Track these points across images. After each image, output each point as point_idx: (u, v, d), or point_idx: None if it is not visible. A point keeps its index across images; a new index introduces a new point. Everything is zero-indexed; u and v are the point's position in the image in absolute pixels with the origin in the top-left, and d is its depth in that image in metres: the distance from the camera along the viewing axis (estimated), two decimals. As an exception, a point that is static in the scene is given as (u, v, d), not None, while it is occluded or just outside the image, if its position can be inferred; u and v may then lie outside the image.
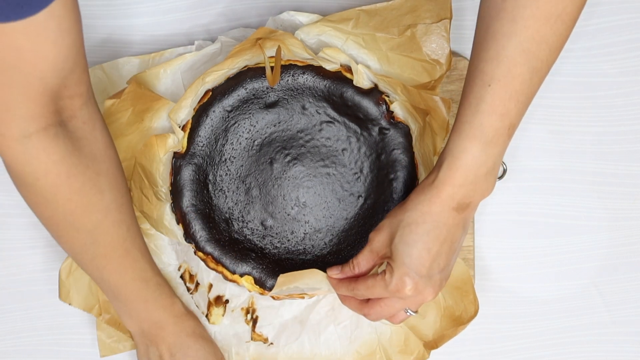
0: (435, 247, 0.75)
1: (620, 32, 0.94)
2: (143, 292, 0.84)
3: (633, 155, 0.94)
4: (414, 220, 0.75)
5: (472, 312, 0.88)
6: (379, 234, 0.78)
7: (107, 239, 0.80)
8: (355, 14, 0.88)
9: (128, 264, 0.82)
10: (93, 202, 0.77)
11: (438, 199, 0.74)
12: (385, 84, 0.87)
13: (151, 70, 0.89)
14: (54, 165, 0.73)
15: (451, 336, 0.88)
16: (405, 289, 0.75)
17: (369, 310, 0.79)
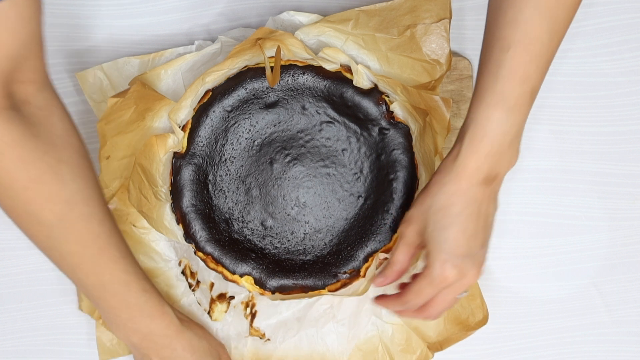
0: (471, 226, 0.73)
1: (620, 32, 0.94)
2: (125, 297, 0.78)
3: (633, 155, 0.94)
4: (444, 204, 0.73)
5: (481, 317, 0.88)
6: (410, 226, 0.77)
7: (75, 235, 0.74)
8: (354, 15, 0.88)
9: (104, 264, 0.76)
10: (54, 192, 0.72)
11: (465, 174, 0.72)
12: (385, 84, 0.87)
13: (152, 71, 0.89)
14: (7, 148, 0.69)
15: (458, 340, 0.88)
16: (449, 277, 0.73)
17: (427, 313, 0.77)
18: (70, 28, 0.93)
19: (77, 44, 0.94)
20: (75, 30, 0.94)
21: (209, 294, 0.90)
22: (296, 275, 0.88)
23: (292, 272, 0.88)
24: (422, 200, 0.76)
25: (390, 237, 0.88)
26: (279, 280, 0.88)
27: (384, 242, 0.88)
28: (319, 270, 0.88)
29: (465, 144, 0.72)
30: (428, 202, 0.74)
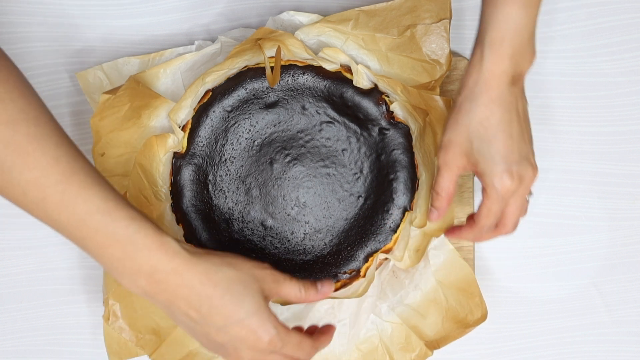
0: (515, 129, 0.73)
1: (620, 32, 0.94)
2: (111, 229, 0.66)
3: (633, 155, 0.94)
4: (482, 117, 0.72)
5: (479, 315, 0.88)
6: (449, 152, 0.75)
7: (28, 160, 0.65)
8: (354, 15, 0.88)
9: (74, 192, 0.66)
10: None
11: (493, 82, 0.72)
12: (385, 84, 0.87)
13: (151, 70, 0.89)
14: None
15: (456, 337, 0.88)
16: (512, 186, 0.73)
17: (505, 229, 0.77)
18: (70, 28, 0.93)
19: (77, 44, 0.94)
20: (75, 30, 0.94)
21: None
22: (296, 275, 0.88)
23: (292, 272, 0.88)
24: (455, 121, 0.74)
25: (390, 237, 0.88)
26: (279, 281, 0.88)
27: (384, 242, 0.88)
28: (319, 271, 0.88)
29: (486, 50, 0.71)
30: (464, 121, 0.73)
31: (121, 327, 0.87)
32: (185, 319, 0.71)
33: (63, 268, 0.94)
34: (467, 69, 0.74)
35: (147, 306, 0.87)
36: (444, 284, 0.89)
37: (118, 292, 0.86)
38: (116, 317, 0.87)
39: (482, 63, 0.72)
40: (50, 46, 0.93)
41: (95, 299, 0.94)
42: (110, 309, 0.86)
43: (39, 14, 0.93)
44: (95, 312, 0.94)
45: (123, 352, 0.88)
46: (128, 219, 0.67)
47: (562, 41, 0.94)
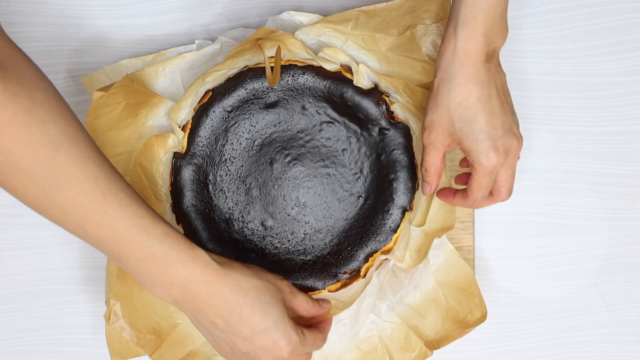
0: (495, 104, 0.73)
1: (620, 32, 0.94)
2: (147, 245, 0.69)
3: (633, 155, 0.94)
4: (460, 97, 0.73)
5: (479, 315, 0.88)
6: (432, 132, 0.76)
7: (70, 180, 0.67)
8: (354, 15, 0.88)
9: (113, 210, 0.68)
10: (34, 135, 0.65)
11: (468, 60, 0.72)
12: (387, 83, 0.87)
13: (150, 67, 0.89)
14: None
15: (455, 337, 0.88)
16: (499, 160, 0.74)
17: (500, 197, 0.78)
18: (70, 28, 0.93)
19: (77, 44, 0.94)
20: (75, 30, 0.94)
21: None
22: (296, 275, 0.88)
23: (292, 272, 0.88)
24: (435, 103, 0.75)
25: (390, 237, 0.88)
26: (279, 281, 0.88)
27: (384, 242, 0.88)
28: (319, 271, 0.88)
29: (459, 28, 0.71)
30: (443, 102, 0.74)
31: (122, 327, 0.87)
32: (210, 327, 0.74)
33: (63, 268, 0.94)
34: (441, 49, 0.74)
35: (147, 306, 0.87)
36: (443, 284, 0.89)
37: (119, 292, 0.86)
38: (117, 316, 0.87)
39: (455, 42, 0.72)
40: (50, 46, 0.93)
41: (95, 299, 0.94)
42: (111, 309, 0.86)
43: (39, 14, 0.93)
44: (96, 312, 0.94)
45: (125, 351, 0.88)
46: (162, 234, 0.70)
47: (562, 41, 0.94)
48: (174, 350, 0.88)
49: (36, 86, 0.68)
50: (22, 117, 0.65)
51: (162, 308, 0.88)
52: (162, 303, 0.88)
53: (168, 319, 0.88)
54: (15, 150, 0.66)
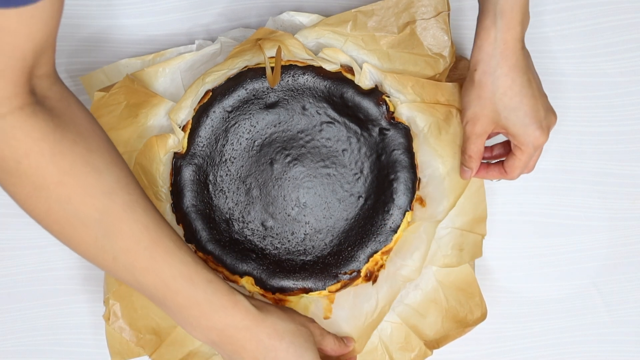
0: (535, 88, 0.78)
1: (620, 32, 0.94)
2: (192, 293, 0.72)
3: (633, 155, 0.94)
4: (505, 87, 0.77)
5: (479, 315, 0.88)
6: (477, 124, 0.80)
7: (123, 229, 0.69)
8: (352, 16, 0.87)
9: (161, 257, 0.70)
10: (91, 184, 0.67)
11: (508, 51, 0.76)
12: (393, 81, 0.87)
13: (150, 68, 0.89)
14: (34, 144, 0.65)
15: (455, 337, 0.88)
16: (545, 138, 0.79)
17: (527, 171, 0.84)
18: (71, 28, 0.93)
19: (76, 44, 0.94)
20: (75, 30, 0.93)
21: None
22: (297, 275, 0.88)
23: (292, 272, 0.88)
24: (478, 96, 0.78)
25: (390, 237, 0.88)
26: (279, 281, 0.88)
27: (384, 242, 0.88)
28: (319, 271, 0.88)
29: (498, 20, 0.75)
30: (487, 94, 0.78)
31: (121, 327, 0.87)
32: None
33: (63, 268, 0.94)
34: (477, 42, 0.78)
35: (147, 306, 0.87)
36: (444, 284, 0.89)
37: (118, 292, 0.86)
38: (116, 317, 0.87)
39: (495, 34, 0.75)
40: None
41: (95, 299, 0.94)
42: (111, 309, 0.86)
43: (38, 14, 0.93)
44: (96, 312, 0.94)
45: (125, 351, 0.88)
46: (206, 282, 0.73)
47: (562, 41, 0.94)
48: (174, 350, 0.88)
49: (91, 133, 0.70)
50: (80, 166, 0.67)
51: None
52: None
53: (167, 319, 0.88)
54: (73, 199, 0.67)
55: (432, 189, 0.89)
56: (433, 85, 0.86)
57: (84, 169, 0.67)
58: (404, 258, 0.88)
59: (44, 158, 0.66)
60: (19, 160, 0.65)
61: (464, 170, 0.85)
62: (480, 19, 0.78)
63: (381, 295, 0.88)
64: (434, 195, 0.88)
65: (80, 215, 0.68)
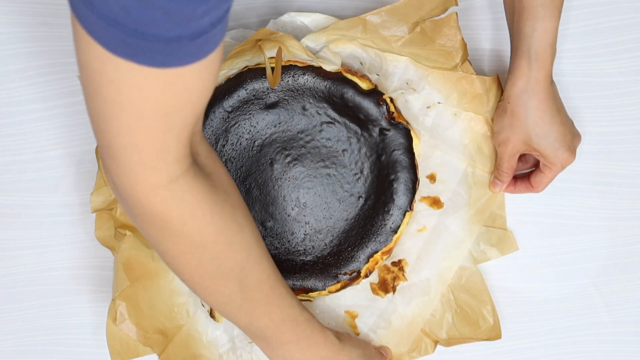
0: (562, 116, 0.85)
1: (620, 32, 0.94)
2: (295, 332, 0.79)
3: (633, 155, 0.94)
4: (535, 119, 0.83)
5: (491, 323, 0.89)
6: (509, 145, 0.86)
7: (253, 280, 0.74)
8: (362, 20, 0.87)
9: (275, 302, 0.76)
10: (236, 240, 0.72)
11: (539, 86, 0.83)
12: (439, 77, 0.88)
13: None
14: (199, 205, 0.67)
15: (467, 340, 0.89)
16: (572, 159, 0.86)
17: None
18: (70, 28, 0.93)
19: (77, 44, 0.94)
20: (75, 31, 0.93)
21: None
22: (297, 276, 0.88)
23: (292, 273, 0.88)
24: (510, 124, 0.85)
25: (390, 237, 0.88)
26: (279, 281, 0.88)
27: (384, 242, 0.88)
28: (319, 271, 0.88)
29: (533, 62, 0.82)
30: (519, 123, 0.84)
31: (129, 327, 0.86)
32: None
33: (63, 268, 0.94)
34: (511, 78, 0.84)
35: (153, 306, 0.87)
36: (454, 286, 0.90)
37: (124, 293, 0.86)
38: (123, 317, 0.86)
39: (529, 73, 0.82)
40: (50, 46, 0.93)
41: (96, 299, 0.94)
42: (117, 310, 0.86)
43: (39, 14, 0.93)
44: (96, 312, 0.94)
45: (125, 352, 0.88)
46: (306, 322, 0.79)
47: (562, 41, 0.94)
48: (180, 351, 0.88)
49: (232, 190, 0.73)
50: (230, 224, 0.71)
51: (166, 309, 0.88)
52: (166, 304, 0.88)
53: (173, 320, 0.88)
54: (221, 255, 0.71)
55: (452, 194, 0.89)
56: (478, 80, 0.88)
57: (232, 227, 0.71)
58: (431, 268, 0.89)
59: (205, 219, 0.68)
60: (185, 221, 0.68)
61: (496, 183, 0.90)
62: (514, 57, 0.83)
63: (410, 308, 0.89)
64: (456, 200, 0.89)
65: (224, 270, 0.72)
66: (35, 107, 0.94)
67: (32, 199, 0.94)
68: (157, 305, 0.87)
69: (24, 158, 0.94)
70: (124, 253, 0.87)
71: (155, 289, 0.88)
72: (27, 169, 0.94)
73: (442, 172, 0.90)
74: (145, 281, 0.87)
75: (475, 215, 0.89)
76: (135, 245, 0.87)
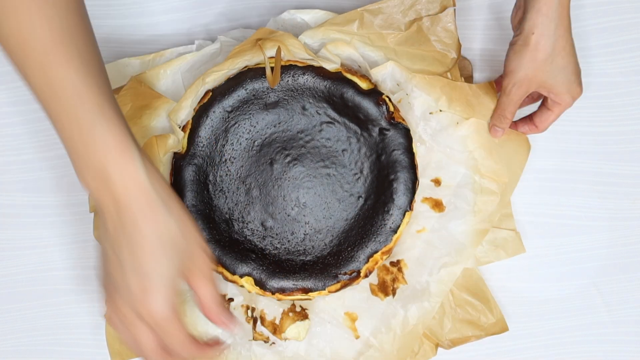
0: (573, 46, 0.81)
1: (620, 32, 0.94)
2: (76, 113, 0.61)
3: (633, 155, 0.94)
4: (560, 49, 0.80)
5: (493, 320, 0.89)
6: (523, 86, 0.82)
7: (20, 15, 0.60)
8: (358, 15, 0.88)
9: (55, 59, 0.61)
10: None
11: (564, 12, 0.78)
12: (422, 81, 0.88)
13: (151, 70, 0.89)
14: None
15: (470, 339, 0.89)
16: (581, 91, 0.83)
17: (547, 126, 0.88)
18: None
19: (77, 44, 0.94)
20: (75, 30, 0.93)
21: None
22: (296, 276, 0.88)
23: (292, 273, 0.88)
24: (533, 58, 0.80)
25: (390, 237, 0.88)
26: (279, 282, 0.87)
27: (384, 242, 0.88)
28: (319, 271, 0.88)
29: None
30: (543, 56, 0.80)
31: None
32: (106, 234, 0.66)
33: (63, 268, 0.94)
34: (536, 6, 0.79)
35: None
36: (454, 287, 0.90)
37: None
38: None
39: (557, 9, 0.78)
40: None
41: (95, 299, 0.94)
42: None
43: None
44: (96, 312, 0.94)
45: (125, 352, 0.88)
46: (97, 106, 0.62)
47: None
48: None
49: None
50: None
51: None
52: None
53: None
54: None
55: (455, 199, 0.89)
56: (464, 87, 0.87)
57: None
58: (431, 273, 0.89)
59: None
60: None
61: (496, 130, 0.88)
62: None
63: (411, 313, 0.89)
64: (459, 205, 0.89)
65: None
66: (36, 107, 0.94)
67: (32, 199, 0.94)
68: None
69: (24, 158, 0.94)
70: None
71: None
72: (27, 169, 0.94)
73: (448, 177, 0.90)
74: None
75: (480, 224, 0.89)
76: None
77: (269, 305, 0.89)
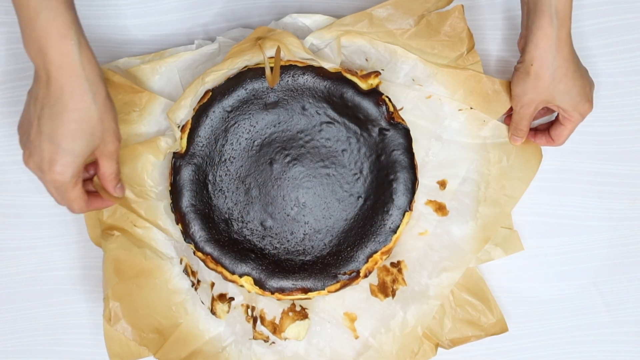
0: (581, 70, 0.86)
1: (620, 32, 0.94)
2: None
3: (633, 155, 0.94)
4: (560, 77, 0.84)
5: (493, 320, 0.89)
6: (532, 106, 0.87)
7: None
8: (367, 15, 0.88)
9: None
10: None
11: (563, 44, 0.83)
12: (448, 75, 0.88)
13: (145, 65, 0.89)
14: None
15: (471, 339, 0.89)
16: (591, 107, 0.87)
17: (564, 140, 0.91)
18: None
19: (76, 44, 0.94)
20: (75, 30, 0.93)
21: (210, 292, 0.90)
22: (296, 276, 0.88)
23: (291, 272, 0.88)
24: (535, 85, 0.85)
25: (390, 237, 0.88)
26: (278, 281, 0.87)
27: (383, 242, 0.88)
28: (318, 271, 0.88)
29: (555, 21, 0.82)
30: (544, 84, 0.85)
31: (124, 327, 0.87)
32: (36, 97, 0.74)
33: (63, 268, 0.94)
34: (534, 41, 0.83)
35: (148, 305, 0.87)
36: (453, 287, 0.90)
37: (118, 291, 0.86)
38: (118, 317, 0.87)
39: (552, 32, 0.82)
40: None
41: (95, 299, 0.94)
42: (112, 310, 0.86)
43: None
44: (96, 312, 0.94)
45: (124, 353, 0.88)
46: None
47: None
48: (178, 349, 0.88)
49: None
50: None
51: (163, 308, 0.88)
52: (163, 303, 0.88)
53: (170, 318, 0.88)
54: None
55: (459, 204, 0.89)
56: (488, 81, 0.89)
57: None
58: (430, 276, 0.89)
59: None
60: None
61: (515, 138, 0.91)
62: (533, 19, 0.83)
63: (410, 315, 0.89)
64: (462, 211, 0.89)
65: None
66: (35, 107, 0.94)
67: (32, 199, 0.94)
68: (153, 304, 0.87)
69: (23, 158, 0.94)
70: (112, 253, 0.87)
71: (150, 288, 0.88)
72: (27, 169, 0.94)
73: (453, 182, 0.90)
74: (138, 280, 0.88)
75: (482, 232, 0.89)
76: (124, 245, 0.88)
77: (269, 305, 0.89)
